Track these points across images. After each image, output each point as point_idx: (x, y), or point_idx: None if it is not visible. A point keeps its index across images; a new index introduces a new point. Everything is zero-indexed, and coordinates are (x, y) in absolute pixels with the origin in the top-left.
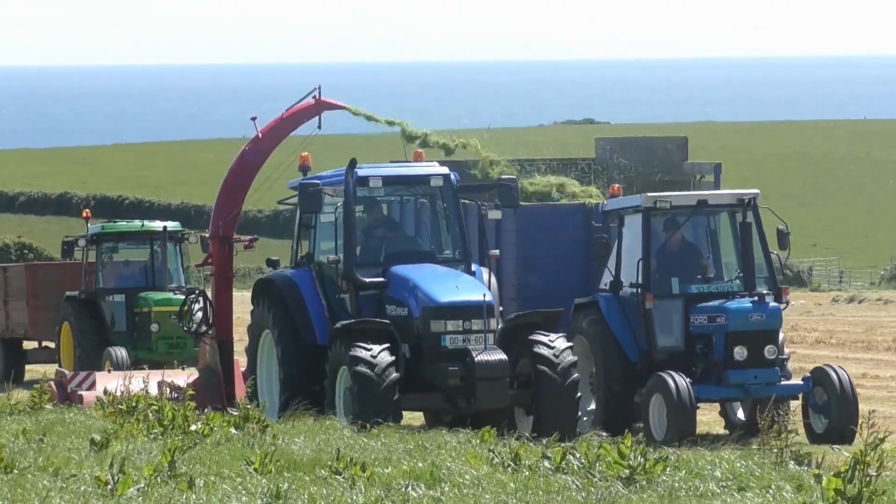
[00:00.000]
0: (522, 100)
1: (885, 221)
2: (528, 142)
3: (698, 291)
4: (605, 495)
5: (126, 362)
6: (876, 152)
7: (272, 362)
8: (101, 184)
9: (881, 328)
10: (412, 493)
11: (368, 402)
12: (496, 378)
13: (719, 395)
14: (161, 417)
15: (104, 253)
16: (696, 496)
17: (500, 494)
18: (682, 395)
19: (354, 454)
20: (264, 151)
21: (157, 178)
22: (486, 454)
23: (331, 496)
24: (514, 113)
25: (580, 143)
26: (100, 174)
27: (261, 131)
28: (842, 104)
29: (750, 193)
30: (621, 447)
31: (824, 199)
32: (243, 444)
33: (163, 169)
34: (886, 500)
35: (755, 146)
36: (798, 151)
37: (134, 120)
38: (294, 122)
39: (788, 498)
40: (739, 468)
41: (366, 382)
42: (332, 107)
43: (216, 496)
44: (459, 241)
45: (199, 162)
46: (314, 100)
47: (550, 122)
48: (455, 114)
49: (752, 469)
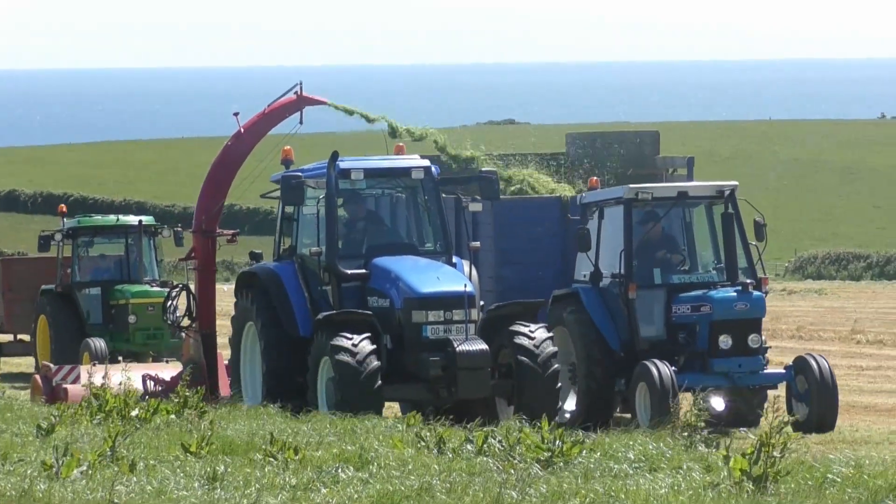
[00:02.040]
0: (445, 101)
1: (788, 216)
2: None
3: (680, 281)
4: (524, 476)
5: (105, 353)
6: (782, 150)
7: (255, 354)
8: (46, 181)
9: (785, 317)
10: (342, 475)
11: (350, 393)
12: (478, 368)
13: (704, 384)
14: (102, 404)
15: (80, 247)
16: (610, 476)
17: (424, 476)
18: (666, 384)
19: (287, 438)
20: (247, 146)
21: (100, 176)
22: (412, 438)
23: (265, 478)
24: (437, 114)
25: (500, 142)
26: (46, 172)
27: (243, 126)
28: (757, 106)
29: (729, 185)
30: (540, 430)
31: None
32: (182, 430)
33: (106, 167)
34: (790, 479)
35: (663, 147)
36: (706, 150)
37: (81, 121)
38: (276, 117)
39: (697, 478)
40: (651, 450)
41: (347, 373)
42: (313, 102)
43: (156, 478)
44: (440, 233)
45: (141, 161)
46: (296, 95)
47: (473, 123)
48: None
49: (663, 451)
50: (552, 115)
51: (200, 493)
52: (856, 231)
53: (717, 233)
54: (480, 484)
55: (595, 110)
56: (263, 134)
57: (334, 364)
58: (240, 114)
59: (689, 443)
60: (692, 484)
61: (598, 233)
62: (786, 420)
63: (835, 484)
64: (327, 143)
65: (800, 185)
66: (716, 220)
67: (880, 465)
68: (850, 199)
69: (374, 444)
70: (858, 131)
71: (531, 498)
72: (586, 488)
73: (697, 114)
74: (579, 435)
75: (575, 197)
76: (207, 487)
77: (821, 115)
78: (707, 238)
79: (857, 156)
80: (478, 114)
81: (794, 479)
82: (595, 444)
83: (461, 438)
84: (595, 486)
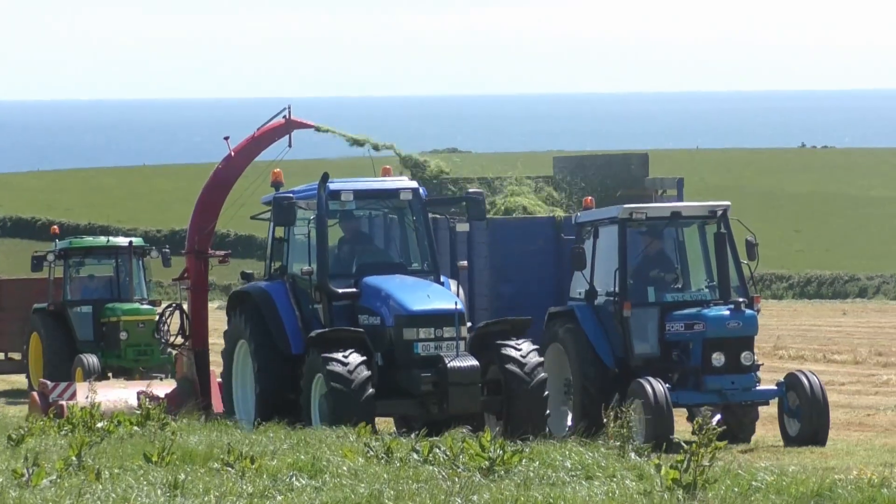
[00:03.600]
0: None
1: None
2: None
3: (673, 300)
4: (467, 484)
5: (97, 368)
6: (709, 177)
7: (247, 372)
8: (16, 206)
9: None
10: (296, 483)
11: (343, 409)
12: (468, 384)
13: (697, 401)
14: (70, 416)
15: (71, 267)
16: (548, 484)
17: (374, 484)
18: (660, 401)
19: (244, 448)
20: (237, 169)
21: (67, 202)
22: (362, 448)
23: (223, 486)
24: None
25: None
26: (16, 197)
27: (233, 150)
28: (685, 135)
29: (722, 205)
30: (482, 441)
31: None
32: (144, 440)
33: (72, 193)
34: (718, 486)
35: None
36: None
37: (47, 150)
38: (265, 140)
39: (631, 485)
40: (587, 459)
41: (340, 389)
42: (301, 125)
43: (120, 486)
44: (428, 253)
45: (105, 186)
46: (284, 119)
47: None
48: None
49: (598, 460)
50: (491, 144)
51: (163, 500)
52: (777, 253)
53: (710, 252)
54: (427, 491)
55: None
56: (253, 157)
57: (327, 381)
58: (230, 138)
59: (622, 452)
60: (626, 491)
61: (593, 252)
62: (716, 431)
63: (759, 490)
64: (315, 169)
65: None
66: (708, 240)
67: (803, 473)
68: (772, 224)
69: (326, 454)
70: (779, 159)
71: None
72: (526, 495)
73: (626, 143)
74: (518, 444)
75: (569, 217)
76: (169, 495)
77: (744, 144)
78: (699, 257)
79: (778, 182)
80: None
81: (722, 486)
82: (534, 453)
83: (407, 448)
84: (534, 493)
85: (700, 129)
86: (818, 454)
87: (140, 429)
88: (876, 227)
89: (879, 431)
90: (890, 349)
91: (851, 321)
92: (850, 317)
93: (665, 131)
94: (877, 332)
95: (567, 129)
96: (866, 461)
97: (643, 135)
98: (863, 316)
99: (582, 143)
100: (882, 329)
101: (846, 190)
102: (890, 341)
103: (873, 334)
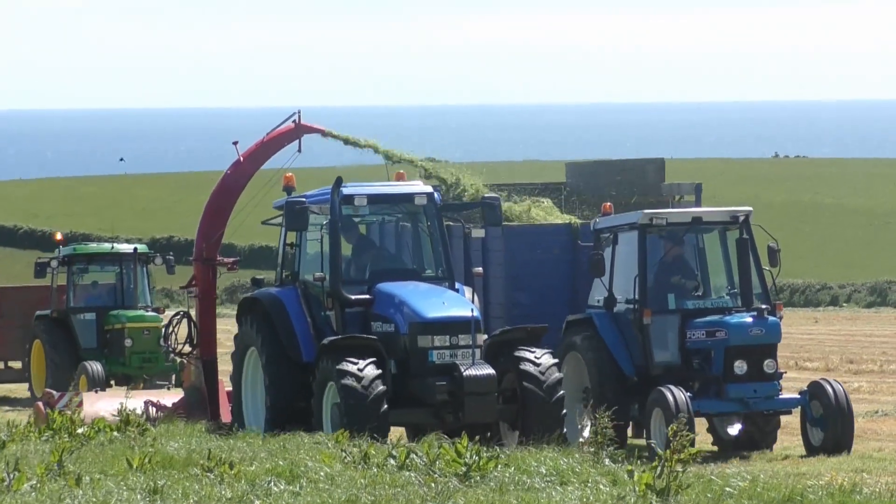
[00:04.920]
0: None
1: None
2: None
3: (694, 307)
4: (443, 489)
5: (102, 376)
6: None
7: (257, 379)
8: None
9: None
10: (274, 488)
11: (356, 417)
12: (484, 393)
13: (719, 409)
14: (51, 422)
15: (74, 274)
16: (523, 490)
17: (351, 489)
18: (682, 409)
19: (223, 454)
20: (246, 175)
21: (48, 210)
22: (339, 453)
23: (202, 491)
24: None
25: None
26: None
27: (242, 155)
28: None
29: (743, 211)
30: (458, 447)
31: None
32: (125, 446)
33: (53, 202)
34: (690, 491)
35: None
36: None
37: (27, 160)
38: (274, 145)
39: (605, 490)
40: (562, 465)
41: (353, 397)
42: (311, 130)
43: (101, 492)
44: (442, 259)
45: (85, 195)
46: (294, 124)
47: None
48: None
49: (573, 466)
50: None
51: None
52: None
53: (731, 258)
54: (403, 496)
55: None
56: (262, 162)
57: (340, 389)
58: (238, 143)
59: (597, 458)
60: (600, 496)
61: (612, 258)
62: (689, 437)
63: (732, 496)
64: (327, 177)
65: None
66: (730, 246)
67: (775, 479)
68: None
69: (304, 460)
70: (754, 169)
71: None
72: (501, 501)
73: (602, 153)
74: (495, 450)
75: (586, 223)
76: (149, 500)
77: (718, 153)
78: (720, 263)
79: (752, 192)
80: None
81: (695, 491)
82: (509, 459)
83: (384, 454)
84: (510, 498)
85: (670, 139)
86: (791, 461)
87: (120, 435)
88: (848, 237)
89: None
90: (861, 357)
91: (823, 329)
92: (821, 325)
93: (636, 142)
94: (848, 340)
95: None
96: (838, 467)
97: (617, 146)
98: (834, 324)
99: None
100: (853, 337)
101: (818, 199)
102: (861, 349)
103: (844, 342)
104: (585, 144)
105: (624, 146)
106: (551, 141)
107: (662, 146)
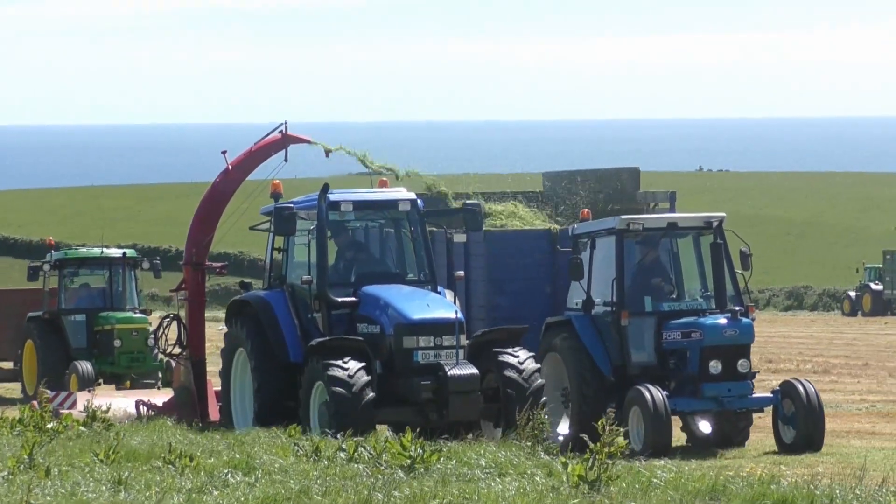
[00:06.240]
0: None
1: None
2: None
3: (670, 309)
4: (389, 480)
5: (92, 375)
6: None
7: (246, 379)
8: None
9: None
10: (231, 480)
11: (343, 416)
12: (468, 392)
13: (695, 408)
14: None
15: (66, 277)
16: (464, 481)
17: (303, 480)
18: (659, 408)
19: (183, 447)
20: (234, 182)
21: (19, 219)
22: (292, 447)
23: (164, 482)
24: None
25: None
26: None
27: (230, 164)
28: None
29: (717, 217)
30: (403, 440)
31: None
32: (91, 440)
33: (24, 212)
34: (620, 482)
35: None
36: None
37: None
38: (262, 154)
39: (541, 481)
40: (501, 457)
41: (341, 397)
42: (297, 140)
43: (69, 483)
44: (425, 263)
45: (54, 205)
46: (280, 134)
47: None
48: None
49: (510, 458)
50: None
51: (108, 495)
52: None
53: (705, 262)
54: (352, 487)
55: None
56: (250, 170)
57: (328, 388)
58: (227, 152)
59: (533, 451)
60: (536, 487)
61: (590, 262)
62: (618, 431)
63: (658, 487)
64: (313, 186)
65: None
66: (703, 250)
67: (699, 471)
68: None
69: (259, 453)
70: (679, 182)
71: (396, 500)
72: (444, 491)
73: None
74: (437, 444)
75: (564, 229)
76: (114, 490)
77: (645, 167)
78: (695, 267)
79: (678, 204)
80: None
81: (624, 482)
82: (451, 451)
83: (334, 447)
84: (451, 489)
85: (594, 153)
86: (718, 454)
87: (87, 430)
88: (767, 244)
89: (769, 433)
90: (778, 356)
91: None
92: None
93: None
94: (767, 342)
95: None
96: (757, 461)
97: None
98: (754, 326)
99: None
100: (771, 338)
101: (738, 209)
102: (779, 349)
103: (764, 343)
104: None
105: (599, 159)
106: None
107: (581, 160)
